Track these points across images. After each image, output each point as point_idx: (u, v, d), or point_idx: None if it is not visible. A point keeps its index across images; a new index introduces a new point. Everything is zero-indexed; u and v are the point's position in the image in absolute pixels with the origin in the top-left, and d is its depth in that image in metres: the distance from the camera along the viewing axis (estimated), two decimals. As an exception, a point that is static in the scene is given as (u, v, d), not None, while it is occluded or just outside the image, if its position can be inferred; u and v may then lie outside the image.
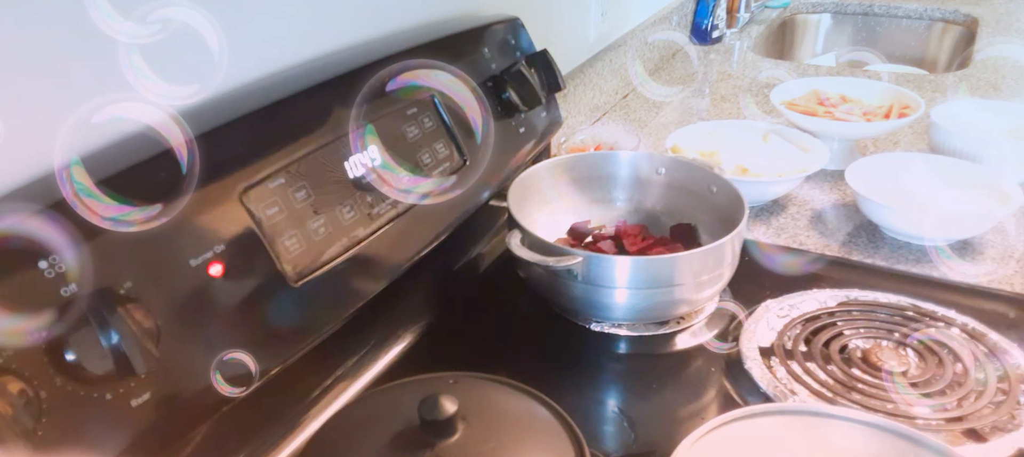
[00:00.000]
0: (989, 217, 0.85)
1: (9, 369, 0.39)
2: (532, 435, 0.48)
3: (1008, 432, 0.58)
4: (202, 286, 0.48)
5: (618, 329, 0.73)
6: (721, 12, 1.74)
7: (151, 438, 0.45)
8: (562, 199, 0.85)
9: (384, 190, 0.56)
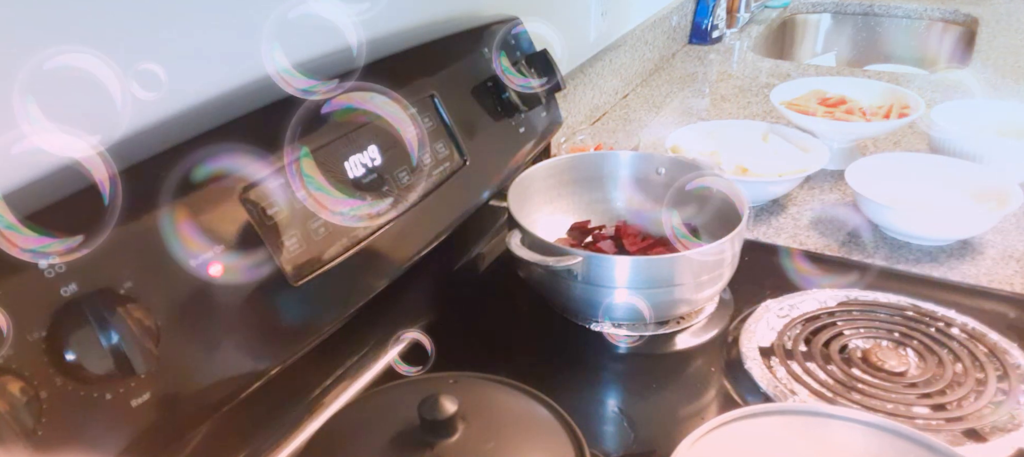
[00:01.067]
0: (989, 217, 0.85)
1: (9, 369, 0.39)
2: (532, 435, 0.48)
3: (1008, 432, 0.58)
4: (202, 286, 0.48)
5: (618, 329, 0.73)
6: (721, 12, 1.74)
7: (151, 438, 0.45)
8: (562, 199, 0.85)
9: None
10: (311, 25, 0.66)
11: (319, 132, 0.59)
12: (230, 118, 0.54)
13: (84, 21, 0.48)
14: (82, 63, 0.49)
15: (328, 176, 0.44)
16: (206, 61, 0.57)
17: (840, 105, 1.14)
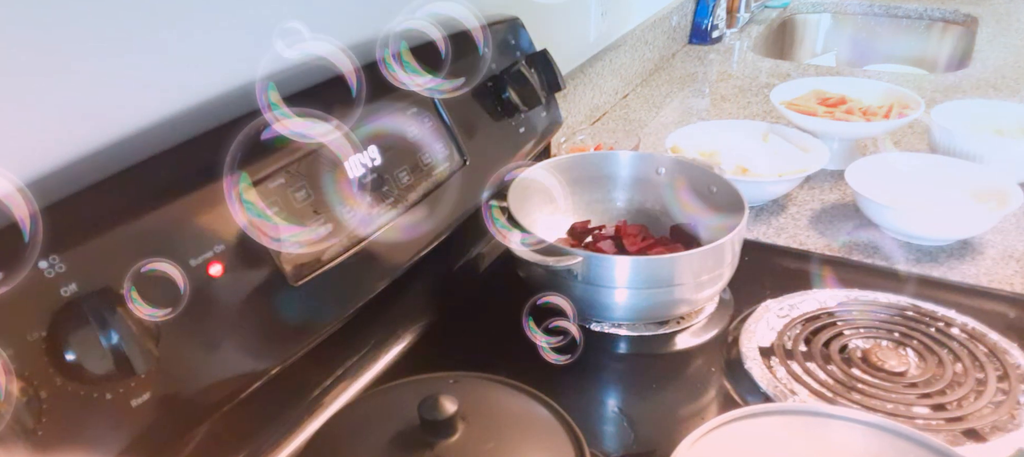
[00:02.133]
0: (989, 217, 0.85)
1: (9, 369, 0.39)
2: (532, 435, 0.48)
3: (1008, 432, 0.58)
4: (202, 286, 0.48)
5: (618, 329, 0.73)
6: (721, 12, 1.74)
7: (151, 438, 0.45)
8: (562, 199, 0.85)
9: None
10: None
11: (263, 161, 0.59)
12: (230, 118, 0.54)
13: (84, 20, 0.48)
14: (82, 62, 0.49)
15: (270, 202, 0.43)
16: (206, 61, 0.57)
17: (840, 105, 1.14)
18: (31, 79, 0.46)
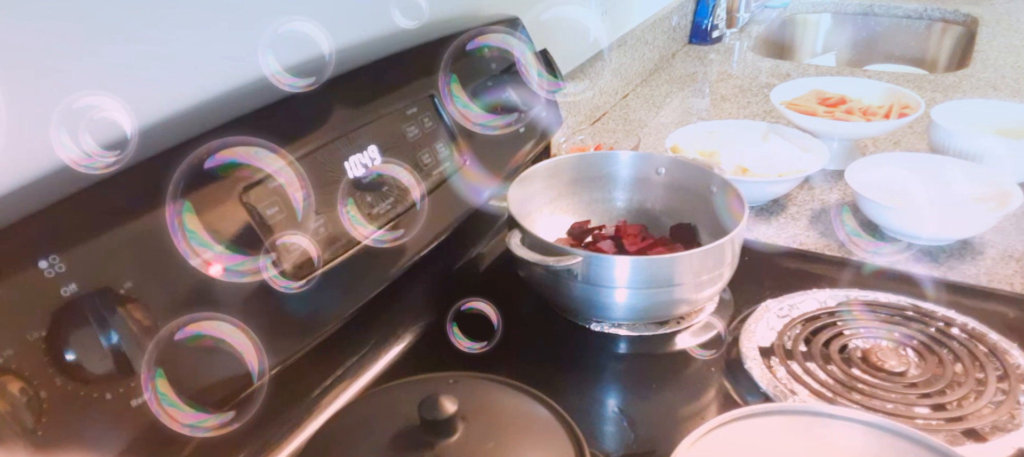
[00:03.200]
0: (989, 217, 0.85)
1: (9, 369, 0.39)
2: (532, 435, 0.48)
3: (1008, 432, 0.58)
4: (202, 286, 0.48)
5: (618, 329, 0.73)
6: (721, 12, 1.74)
7: (151, 438, 0.45)
8: (562, 199, 0.85)
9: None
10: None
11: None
12: (230, 118, 0.54)
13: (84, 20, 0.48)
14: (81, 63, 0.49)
15: (213, 233, 0.43)
16: (206, 60, 0.57)
17: (840, 105, 1.14)
18: (31, 79, 0.46)
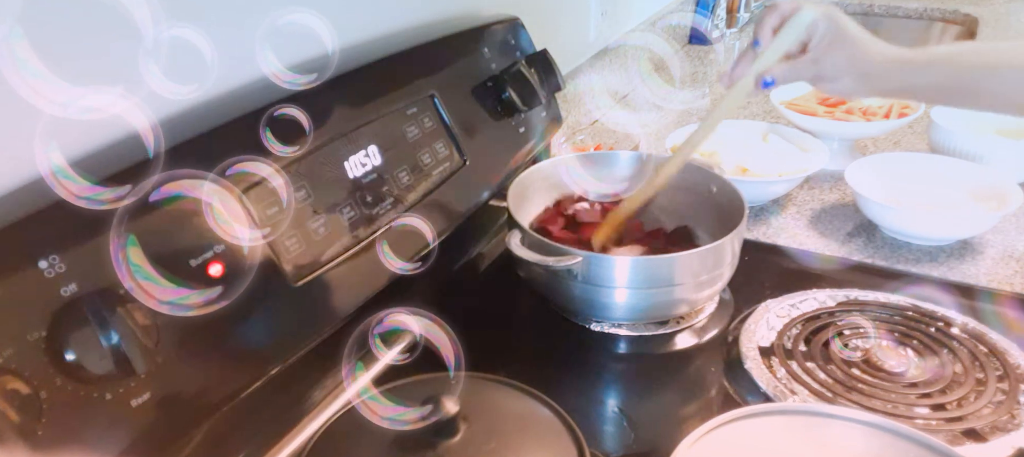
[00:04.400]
0: (989, 217, 0.85)
1: (9, 369, 0.39)
2: (533, 435, 0.48)
3: (1008, 432, 0.58)
4: (202, 286, 0.48)
5: (618, 329, 0.73)
6: (721, 12, 1.74)
7: (151, 438, 0.45)
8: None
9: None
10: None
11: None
12: (230, 118, 0.54)
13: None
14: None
15: (157, 264, 0.43)
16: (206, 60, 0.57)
17: (840, 105, 1.14)
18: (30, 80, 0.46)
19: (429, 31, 0.77)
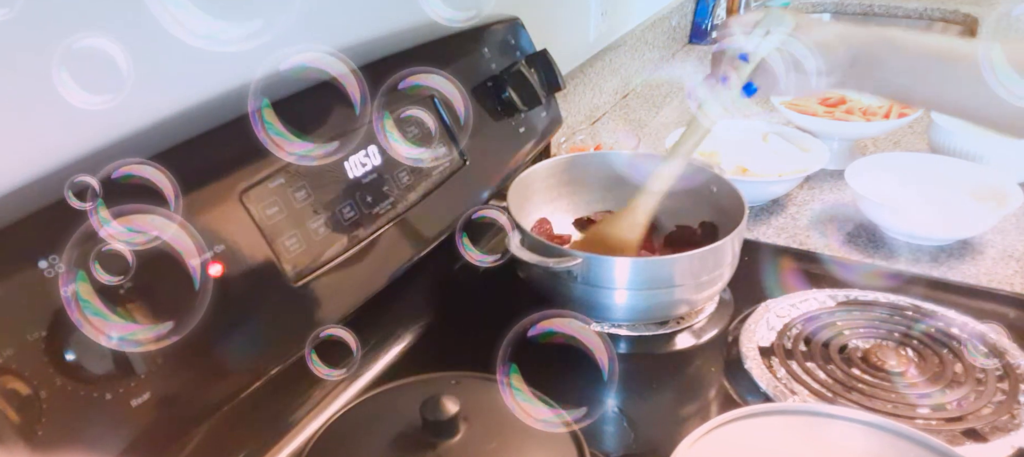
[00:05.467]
0: (989, 217, 0.85)
1: (9, 369, 0.39)
2: (533, 435, 0.48)
3: (1008, 432, 0.58)
4: (202, 286, 0.48)
5: (618, 329, 0.72)
6: (721, 12, 1.74)
7: (151, 438, 0.45)
8: (562, 199, 0.85)
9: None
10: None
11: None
12: (231, 118, 0.54)
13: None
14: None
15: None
16: (206, 60, 0.57)
17: (840, 105, 1.14)
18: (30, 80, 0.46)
19: (429, 31, 0.77)
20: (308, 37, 0.67)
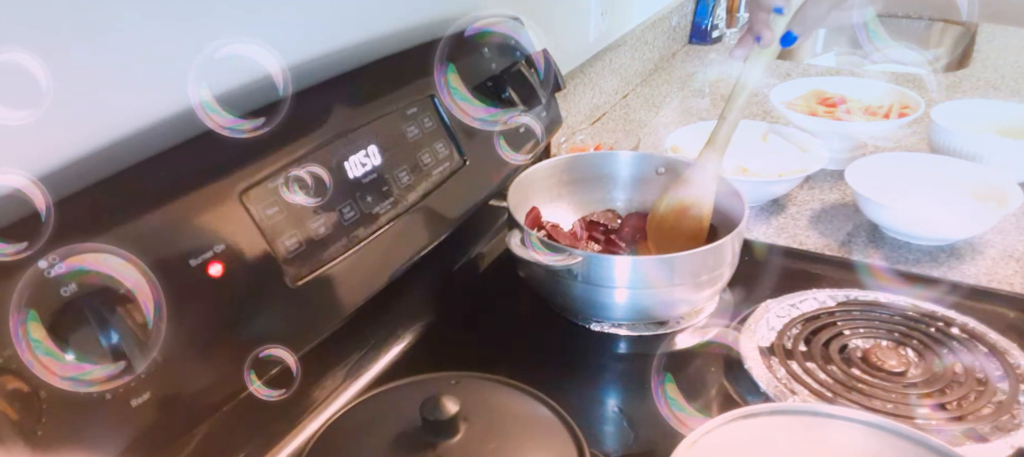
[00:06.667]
0: (989, 217, 0.85)
1: (9, 369, 0.39)
2: (533, 435, 0.48)
3: (1008, 432, 0.58)
4: (202, 286, 0.48)
5: (618, 329, 0.73)
6: (721, 12, 1.74)
7: (151, 438, 0.45)
8: (562, 199, 0.85)
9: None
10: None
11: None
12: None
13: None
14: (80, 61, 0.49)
15: (72, 339, 0.42)
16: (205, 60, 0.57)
17: (840, 105, 1.14)
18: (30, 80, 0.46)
19: (429, 31, 0.77)
20: (308, 37, 0.67)
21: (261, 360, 0.49)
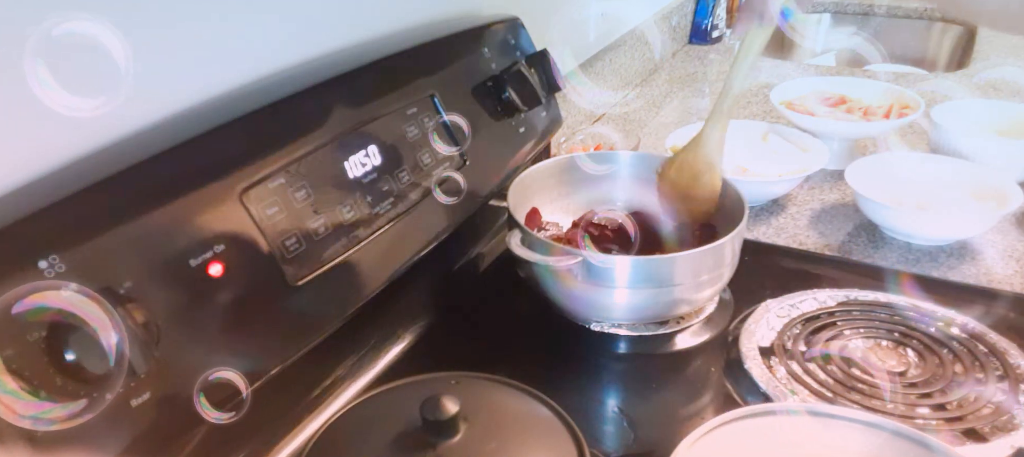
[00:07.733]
0: (989, 217, 0.85)
1: (9, 369, 0.39)
2: (533, 435, 0.48)
3: (1008, 432, 0.58)
4: (202, 286, 0.48)
5: (618, 329, 0.73)
6: (721, 12, 1.74)
7: (151, 438, 0.45)
8: (562, 199, 0.85)
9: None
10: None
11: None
12: (230, 118, 0.54)
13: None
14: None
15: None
16: (206, 59, 0.58)
17: (840, 105, 1.14)
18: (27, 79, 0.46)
19: (429, 31, 0.77)
20: (308, 38, 0.67)
21: (211, 383, 0.48)
